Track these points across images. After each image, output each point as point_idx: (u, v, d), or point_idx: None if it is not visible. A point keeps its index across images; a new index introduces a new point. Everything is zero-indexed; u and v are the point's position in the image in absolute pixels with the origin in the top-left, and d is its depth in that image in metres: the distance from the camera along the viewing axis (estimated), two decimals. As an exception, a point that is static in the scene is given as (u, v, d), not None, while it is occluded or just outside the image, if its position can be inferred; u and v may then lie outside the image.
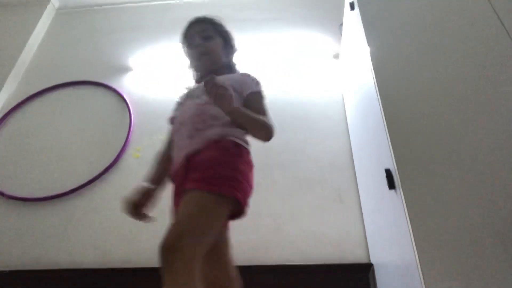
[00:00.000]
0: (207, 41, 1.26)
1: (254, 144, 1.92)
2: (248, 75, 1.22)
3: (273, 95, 2.25)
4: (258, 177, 1.92)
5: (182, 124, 1.12)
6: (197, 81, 1.31)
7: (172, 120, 1.25)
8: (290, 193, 1.86)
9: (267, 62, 2.42)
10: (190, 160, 1.02)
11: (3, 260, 1.79)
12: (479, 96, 1.21)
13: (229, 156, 1.02)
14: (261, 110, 1.15)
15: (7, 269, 1.73)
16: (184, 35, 1.33)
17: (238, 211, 1.03)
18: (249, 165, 1.09)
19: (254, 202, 1.84)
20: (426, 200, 1.03)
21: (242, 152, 1.07)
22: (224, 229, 1.18)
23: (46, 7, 2.87)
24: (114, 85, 2.43)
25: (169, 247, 0.82)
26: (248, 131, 1.12)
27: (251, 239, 1.73)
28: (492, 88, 1.23)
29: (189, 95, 1.22)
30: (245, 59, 2.42)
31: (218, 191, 0.93)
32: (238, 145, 1.06)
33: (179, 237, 0.84)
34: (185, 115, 1.13)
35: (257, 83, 1.21)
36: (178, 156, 1.08)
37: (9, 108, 2.37)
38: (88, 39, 2.75)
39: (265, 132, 1.13)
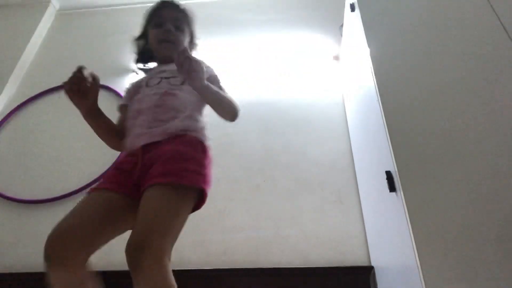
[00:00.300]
0: (177, 31, 1.24)
1: (254, 145, 1.95)
2: (211, 70, 1.23)
3: (273, 96, 2.26)
4: (259, 179, 1.94)
5: (140, 113, 1.09)
6: (144, 64, 1.32)
7: (122, 108, 1.25)
8: (290, 195, 1.86)
9: (267, 63, 2.42)
10: (150, 150, 1.01)
11: (4, 262, 1.78)
12: (479, 97, 1.21)
13: (195, 152, 1.01)
14: (223, 90, 1.17)
15: (7, 271, 1.73)
16: (154, 12, 1.29)
17: (195, 205, 1.02)
18: (211, 161, 1.08)
19: (254, 204, 1.85)
20: (426, 203, 1.03)
21: (205, 149, 1.07)
22: None
23: (47, 8, 2.88)
24: (115, 87, 2.42)
25: (144, 247, 0.78)
26: (216, 109, 1.12)
27: (251, 241, 1.73)
28: (492, 89, 1.22)
29: (145, 82, 1.19)
30: (245, 60, 2.45)
31: (190, 184, 0.93)
32: (202, 142, 1.06)
33: (158, 236, 0.81)
34: (145, 104, 1.10)
35: (212, 70, 1.23)
36: (132, 143, 1.05)
37: (10, 109, 2.37)
38: (89, 41, 2.76)
39: (232, 111, 1.13)
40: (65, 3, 2.97)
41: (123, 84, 2.44)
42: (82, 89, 1.09)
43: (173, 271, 1.81)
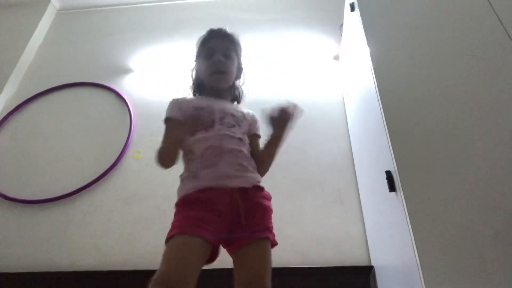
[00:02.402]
0: (227, 60, 1.27)
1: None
2: (257, 118, 1.35)
3: (273, 96, 2.26)
4: (259, 178, 1.94)
5: (223, 152, 1.11)
6: (197, 93, 1.33)
7: (176, 123, 1.18)
8: (290, 195, 1.86)
9: (267, 63, 2.41)
10: (246, 197, 1.08)
11: (4, 262, 1.78)
12: (479, 97, 1.21)
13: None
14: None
15: (7, 271, 1.73)
16: (204, 43, 1.31)
17: None
18: None
19: (255, 204, 1.85)
20: (426, 203, 1.03)
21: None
22: None
23: (47, 8, 2.88)
24: (114, 86, 2.43)
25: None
26: (269, 163, 1.29)
27: (251, 241, 1.72)
28: (492, 89, 1.22)
29: (217, 117, 1.18)
30: (245, 60, 2.45)
31: (275, 244, 1.13)
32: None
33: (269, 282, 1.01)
34: (226, 144, 1.12)
35: (259, 125, 1.35)
36: (221, 182, 1.07)
37: (10, 109, 2.37)
38: (89, 40, 2.75)
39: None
40: (65, 3, 2.97)
41: (122, 84, 2.44)
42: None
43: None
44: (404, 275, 1.09)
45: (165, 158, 1.11)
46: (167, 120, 1.21)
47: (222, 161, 1.10)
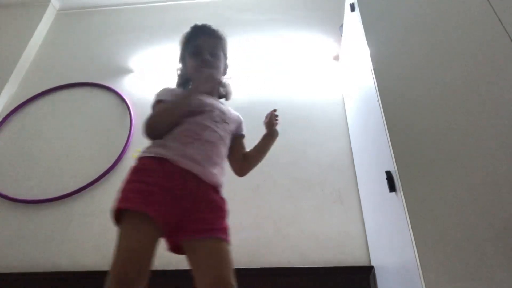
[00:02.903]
0: (214, 59, 1.28)
1: (253, 145, 1.93)
2: (242, 119, 1.39)
3: (273, 96, 2.26)
4: (258, 178, 1.94)
5: (200, 139, 1.11)
6: (184, 89, 1.33)
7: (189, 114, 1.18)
8: (290, 195, 1.86)
9: (267, 63, 2.41)
10: (200, 187, 1.06)
11: (4, 262, 1.78)
12: (479, 97, 1.21)
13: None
14: None
15: (7, 271, 1.73)
16: (190, 40, 1.31)
17: None
18: None
19: (254, 204, 1.85)
20: (427, 203, 1.03)
21: None
22: None
23: (47, 9, 2.88)
24: (114, 86, 2.43)
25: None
26: (258, 161, 1.36)
27: (251, 241, 1.73)
28: (492, 89, 1.22)
29: (206, 107, 1.20)
30: (245, 60, 2.45)
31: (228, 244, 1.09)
32: None
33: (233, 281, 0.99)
34: (206, 136, 1.13)
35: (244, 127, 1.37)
36: (186, 163, 1.05)
37: (10, 109, 2.37)
38: (89, 41, 2.76)
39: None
40: (65, 3, 2.97)
41: (122, 84, 2.45)
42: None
43: (173, 271, 1.82)
44: (404, 275, 1.09)
45: (158, 128, 1.13)
46: (160, 102, 1.21)
47: (194, 145, 1.09)
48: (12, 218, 1.94)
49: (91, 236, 1.82)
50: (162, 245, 1.66)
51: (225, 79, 1.39)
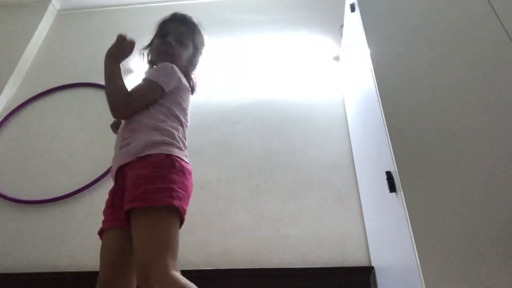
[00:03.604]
0: (179, 45, 1.26)
1: (254, 145, 1.95)
2: (159, 65, 1.24)
3: (273, 96, 2.26)
4: (259, 179, 1.94)
5: (120, 131, 1.17)
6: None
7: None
8: (290, 195, 1.86)
9: (267, 63, 2.42)
10: (123, 175, 1.07)
11: (4, 262, 1.78)
12: (479, 98, 1.21)
13: (159, 170, 1.00)
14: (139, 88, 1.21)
15: (7, 271, 1.73)
16: (163, 24, 1.33)
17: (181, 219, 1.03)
18: (183, 173, 1.05)
19: (255, 204, 1.85)
20: (427, 203, 1.03)
21: (173, 162, 1.03)
22: None
23: (47, 9, 2.88)
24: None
25: (148, 276, 0.85)
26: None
27: (251, 241, 1.73)
28: (492, 89, 1.22)
29: None
30: (245, 60, 2.45)
31: (155, 205, 0.94)
32: (167, 157, 1.03)
33: (155, 261, 0.87)
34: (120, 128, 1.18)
35: (156, 71, 1.21)
36: (114, 161, 1.14)
37: (10, 110, 2.37)
38: (89, 41, 2.76)
39: (108, 99, 1.14)
40: (65, 4, 2.97)
41: (123, 84, 2.44)
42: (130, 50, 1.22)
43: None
44: (404, 275, 1.09)
45: (115, 98, 1.12)
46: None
47: (116, 142, 1.17)
48: (12, 218, 1.94)
49: (91, 236, 1.81)
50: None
51: (195, 73, 1.36)
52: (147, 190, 0.95)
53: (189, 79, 1.30)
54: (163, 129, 1.08)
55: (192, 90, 1.31)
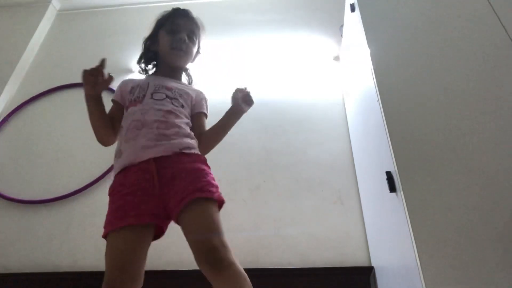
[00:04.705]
0: (190, 42, 1.29)
1: (254, 145, 1.95)
2: (204, 96, 1.34)
3: (273, 96, 2.26)
4: (259, 179, 1.94)
5: (144, 125, 1.13)
6: (146, 71, 1.36)
7: (114, 103, 1.28)
8: (290, 195, 1.86)
9: (267, 63, 2.42)
10: (164, 166, 1.06)
11: (4, 262, 1.78)
12: (479, 98, 1.21)
13: (209, 169, 1.14)
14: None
15: (7, 271, 1.73)
16: (170, 19, 1.32)
17: None
18: None
19: (254, 204, 1.85)
20: (427, 203, 1.03)
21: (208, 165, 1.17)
22: None
23: (47, 9, 2.87)
24: (115, 87, 2.42)
25: (228, 264, 0.91)
26: (219, 139, 1.29)
27: (251, 241, 1.73)
28: (492, 89, 1.22)
29: (149, 93, 1.21)
30: (245, 60, 2.45)
31: (217, 199, 1.05)
32: (206, 159, 1.18)
33: (228, 252, 0.93)
34: (149, 117, 1.14)
35: (207, 105, 1.34)
36: (137, 155, 1.08)
37: (10, 110, 2.37)
38: (90, 41, 2.76)
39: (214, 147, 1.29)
40: (65, 4, 2.97)
41: (123, 85, 2.45)
42: (97, 80, 1.19)
43: (173, 271, 1.81)
44: (404, 275, 1.09)
45: (95, 134, 1.21)
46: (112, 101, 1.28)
47: (141, 133, 1.10)
48: (12, 218, 1.94)
49: (91, 236, 1.82)
50: (162, 247, 1.67)
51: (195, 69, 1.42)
52: (210, 183, 1.06)
53: (187, 71, 1.37)
54: (195, 140, 1.19)
55: (189, 80, 1.40)
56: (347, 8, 1.82)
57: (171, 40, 1.27)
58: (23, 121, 2.35)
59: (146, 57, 1.36)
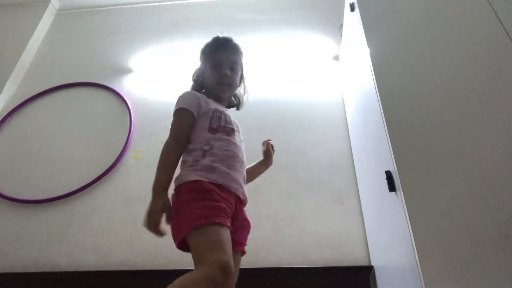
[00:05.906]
0: (233, 73, 1.34)
1: (254, 145, 1.94)
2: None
3: (273, 96, 2.26)
4: (259, 179, 1.93)
5: (238, 161, 1.19)
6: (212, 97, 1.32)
7: (191, 115, 1.20)
8: (290, 195, 1.86)
9: (267, 63, 2.42)
10: (241, 209, 1.19)
11: (4, 262, 1.79)
12: (479, 97, 1.21)
13: None
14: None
15: (7, 271, 1.73)
16: (212, 52, 1.35)
17: None
18: None
19: (255, 204, 1.85)
20: (426, 203, 1.03)
21: None
22: None
23: (47, 8, 2.88)
24: (114, 86, 2.43)
25: None
26: (248, 181, 1.33)
27: (251, 241, 1.72)
28: (492, 89, 1.22)
29: (235, 126, 1.27)
30: (245, 60, 2.44)
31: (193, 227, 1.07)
32: None
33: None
34: (241, 155, 1.22)
35: None
36: (235, 187, 1.14)
37: (10, 109, 2.37)
38: (89, 40, 2.76)
39: None
40: (64, 3, 2.97)
41: (122, 84, 2.45)
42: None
43: (173, 271, 1.81)
44: (404, 275, 1.10)
45: (168, 159, 1.13)
46: (182, 110, 1.20)
47: (237, 168, 1.18)
48: (12, 218, 1.94)
49: (91, 236, 1.82)
50: (162, 246, 1.67)
51: (240, 90, 1.44)
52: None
53: (236, 96, 1.43)
54: None
55: (238, 106, 1.45)
56: (347, 8, 1.82)
57: (216, 76, 1.31)
58: (23, 120, 2.35)
59: (197, 87, 1.39)
